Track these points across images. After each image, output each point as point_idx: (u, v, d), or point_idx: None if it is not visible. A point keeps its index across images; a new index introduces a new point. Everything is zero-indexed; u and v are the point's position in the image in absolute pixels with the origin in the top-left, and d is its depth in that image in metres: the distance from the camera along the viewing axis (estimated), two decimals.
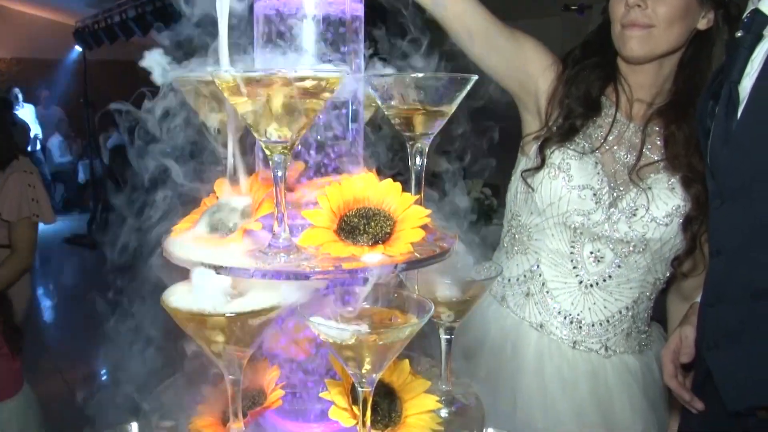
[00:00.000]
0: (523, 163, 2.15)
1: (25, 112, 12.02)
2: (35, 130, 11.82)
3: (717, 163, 1.67)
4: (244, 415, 1.16)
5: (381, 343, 0.98)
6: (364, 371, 1.04)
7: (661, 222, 1.97)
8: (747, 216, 1.60)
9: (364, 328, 1.00)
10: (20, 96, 12.15)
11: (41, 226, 3.89)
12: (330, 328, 0.98)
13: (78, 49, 12.00)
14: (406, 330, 1.01)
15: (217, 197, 1.20)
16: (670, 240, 1.99)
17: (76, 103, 11.53)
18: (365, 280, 1.02)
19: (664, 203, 1.97)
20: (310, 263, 1.01)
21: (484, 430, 1.31)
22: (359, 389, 1.08)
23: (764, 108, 1.57)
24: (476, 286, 1.30)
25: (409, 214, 1.11)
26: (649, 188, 1.98)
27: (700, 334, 1.77)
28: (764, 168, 1.56)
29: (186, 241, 1.09)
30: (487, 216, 4.38)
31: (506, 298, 2.18)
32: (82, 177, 11.28)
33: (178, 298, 1.03)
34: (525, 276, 2.14)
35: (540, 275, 2.10)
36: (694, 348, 1.85)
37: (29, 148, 10.52)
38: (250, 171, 1.22)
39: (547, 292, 2.09)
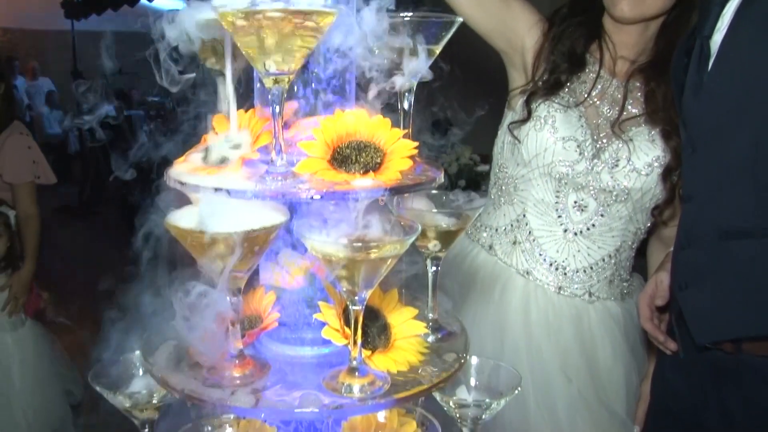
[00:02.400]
0: (510, 116, 2.22)
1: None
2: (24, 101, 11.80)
3: (688, 114, 1.76)
4: (242, 337, 1.23)
5: (372, 257, 1.06)
6: (355, 289, 1.11)
7: (642, 172, 2.05)
8: (715, 163, 1.69)
9: (357, 244, 1.08)
10: (17, 67, 12.12)
11: None
12: (325, 243, 1.05)
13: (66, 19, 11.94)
14: (395, 246, 1.08)
15: (217, 133, 1.26)
16: (651, 190, 2.07)
17: (66, 75, 11.53)
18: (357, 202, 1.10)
19: (644, 154, 2.05)
20: (305, 186, 1.08)
21: (469, 357, 1.39)
22: (351, 308, 1.15)
23: (732, 61, 1.65)
24: (463, 215, 1.37)
25: (398, 146, 1.18)
26: (631, 140, 2.06)
27: (673, 276, 1.86)
28: (731, 118, 1.64)
29: (188, 169, 1.16)
30: (475, 183, 4.44)
31: (494, 247, 2.25)
32: (72, 149, 11.30)
33: (182, 219, 1.10)
34: (512, 225, 2.21)
35: (526, 224, 2.17)
36: (669, 292, 1.94)
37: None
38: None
39: (534, 240, 2.16)
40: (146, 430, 1.44)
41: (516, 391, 1.36)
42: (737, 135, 1.62)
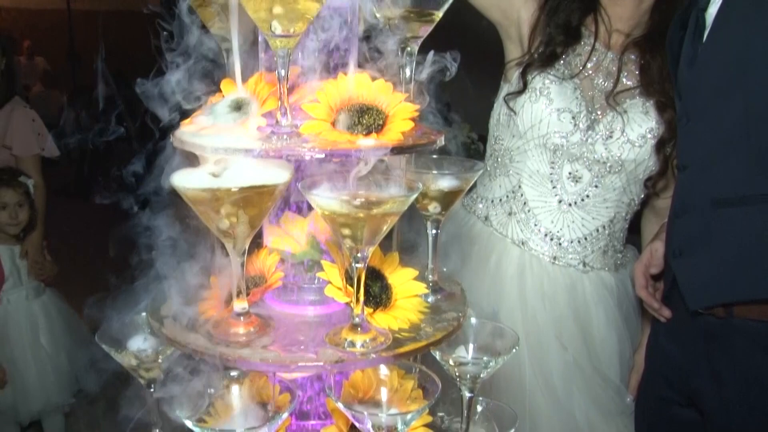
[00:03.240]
0: (506, 89, 2.25)
1: None
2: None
3: (683, 84, 1.80)
4: (247, 295, 1.26)
5: (375, 214, 1.09)
6: (358, 246, 1.15)
7: (635, 143, 2.08)
8: (709, 132, 1.73)
9: (360, 200, 1.11)
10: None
11: None
12: (330, 199, 1.09)
13: None
14: (397, 202, 1.11)
15: (224, 96, 1.29)
16: (644, 161, 2.11)
17: (61, 54, 11.49)
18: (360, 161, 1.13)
19: (638, 126, 2.08)
20: (309, 145, 1.11)
21: (468, 317, 1.42)
22: (354, 266, 1.18)
23: (726, 33, 1.69)
24: (462, 178, 1.40)
25: (400, 109, 1.22)
26: (625, 112, 2.09)
27: (667, 244, 1.90)
28: (724, 88, 1.68)
29: (195, 129, 1.18)
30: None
31: (489, 218, 2.29)
32: (67, 129, 11.25)
33: (188, 178, 1.13)
34: (507, 196, 2.25)
35: (522, 195, 2.21)
36: (663, 261, 1.98)
37: None
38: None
39: (529, 211, 2.20)
40: (152, 389, 1.47)
41: (514, 350, 1.39)
42: (730, 104, 1.66)
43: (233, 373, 1.24)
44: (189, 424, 1.10)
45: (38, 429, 3.94)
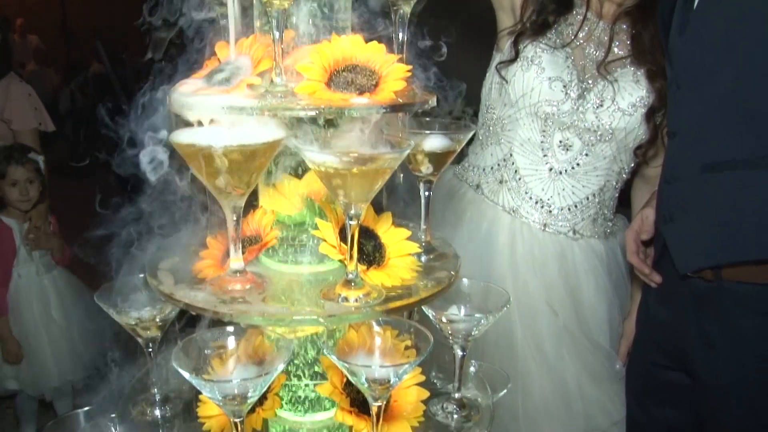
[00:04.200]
0: (498, 58, 2.27)
1: None
2: None
3: (674, 52, 1.82)
4: (243, 253, 1.29)
5: (368, 168, 1.11)
6: (352, 202, 1.17)
7: (626, 112, 2.10)
8: (699, 99, 1.76)
9: (354, 154, 1.13)
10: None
11: None
12: (324, 155, 1.11)
13: None
14: (390, 158, 1.13)
15: (219, 59, 1.30)
16: (634, 130, 2.13)
17: (54, 32, 11.44)
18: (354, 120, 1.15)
19: (629, 94, 2.10)
20: (303, 102, 1.14)
21: (459, 278, 1.45)
22: (348, 224, 1.21)
23: (716, 1, 1.71)
24: (454, 138, 1.43)
25: (393, 69, 1.23)
26: (616, 81, 2.11)
27: (658, 210, 1.93)
28: (715, 55, 1.71)
29: (191, 91, 1.20)
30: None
31: (481, 186, 2.31)
32: (63, 108, 11.24)
33: (186, 135, 1.15)
34: (499, 165, 2.27)
35: (513, 163, 2.23)
36: (654, 227, 2.01)
37: None
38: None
39: (519, 179, 2.22)
40: (150, 348, 1.50)
41: (505, 308, 1.42)
42: (721, 71, 1.69)
43: (230, 329, 1.26)
44: (186, 375, 1.12)
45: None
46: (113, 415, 1.59)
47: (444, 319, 1.41)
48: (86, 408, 1.78)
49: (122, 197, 1.36)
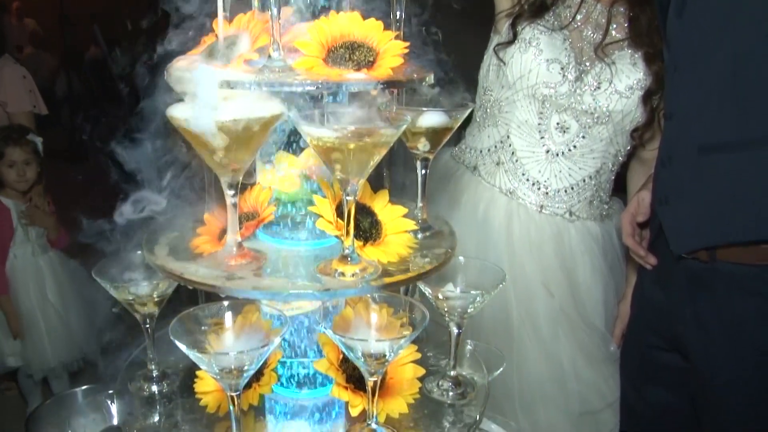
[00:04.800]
0: (496, 40, 2.27)
1: None
2: None
3: (671, 34, 1.83)
4: (240, 229, 1.29)
5: (364, 142, 1.12)
6: (349, 177, 1.18)
7: (623, 94, 2.11)
8: (696, 81, 1.76)
9: (351, 128, 1.14)
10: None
11: None
12: (322, 129, 1.12)
13: None
14: (387, 133, 1.14)
15: (217, 35, 1.31)
16: (631, 112, 2.14)
17: (51, 16, 11.37)
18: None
19: (626, 77, 2.11)
20: (300, 77, 1.14)
21: (456, 256, 1.46)
22: (344, 199, 1.22)
23: None
24: (451, 115, 1.43)
25: (390, 46, 1.24)
26: (613, 63, 2.12)
27: (654, 192, 1.93)
28: (712, 36, 1.71)
29: (188, 66, 1.21)
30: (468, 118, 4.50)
31: (478, 168, 2.32)
32: (60, 93, 11.22)
33: (183, 110, 1.16)
34: (496, 147, 2.28)
35: (510, 145, 2.24)
36: (650, 210, 2.02)
37: None
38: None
39: (516, 160, 2.23)
40: (147, 325, 1.51)
41: (500, 286, 1.43)
42: (718, 53, 1.69)
43: (227, 304, 1.27)
44: (183, 348, 1.13)
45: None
46: (111, 391, 1.60)
47: (440, 296, 1.42)
48: (84, 387, 1.79)
49: (118, 179, 1.37)
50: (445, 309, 1.44)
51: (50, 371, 3.84)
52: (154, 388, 1.53)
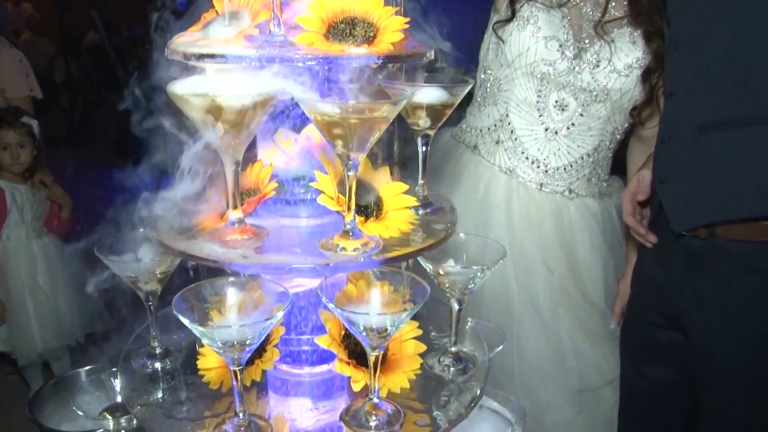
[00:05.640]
0: (495, 18, 2.27)
1: None
2: None
3: (672, 12, 1.83)
4: (242, 205, 1.30)
5: (366, 116, 1.12)
6: (350, 152, 1.18)
7: (622, 73, 2.11)
8: (696, 59, 1.76)
9: (352, 102, 1.14)
10: None
11: None
12: (323, 103, 1.12)
13: None
14: (388, 107, 1.14)
15: (217, 12, 1.31)
16: (629, 91, 2.14)
17: (49, 1, 11.33)
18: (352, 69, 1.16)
19: (625, 55, 2.11)
20: (301, 52, 1.14)
21: (456, 233, 1.46)
22: (346, 174, 1.22)
23: None
24: (452, 91, 1.44)
25: (391, 22, 1.25)
26: (612, 41, 2.12)
27: (654, 170, 1.94)
28: (712, 14, 1.72)
29: (189, 40, 1.21)
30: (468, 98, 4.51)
31: (478, 146, 2.33)
32: (58, 78, 11.19)
33: (182, 86, 1.16)
34: (495, 125, 2.28)
35: (509, 123, 2.24)
36: (650, 188, 2.03)
37: None
38: None
39: (516, 139, 2.23)
40: (150, 302, 1.52)
41: (501, 262, 1.44)
42: (719, 30, 1.69)
43: (229, 280, 1.28)
44: (186, 322, 1.13)
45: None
46: (114, 369, 1.61)
47: (441, 272, 1.43)
48: (87, 367, 1.80)
49: (118, 162, 1.37)
50: (446, 285, 1.45)
51: (38, 357, 3.83)
52: (157, 365, 1.54)
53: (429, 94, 1.42)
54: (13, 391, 4.07)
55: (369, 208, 1.35)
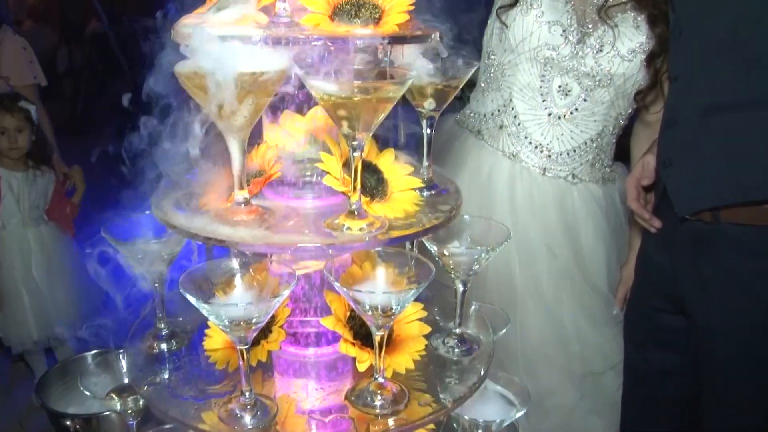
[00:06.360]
0: (499, 3, 2.27)
1: None
2: None
3: None
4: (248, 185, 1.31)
5: (371, 96, 1.13)
6: (355, 133, 1.19)
7: (625, 58, 2.11)
8: (701, 42, 1.77)
9: (358, 81, 1.15)
10: None
11: None
12: (329, 84, 1.13)
13: None
14: (393, 88, 1.15)
15: None
16: (633, 76, 2.14)
17: None
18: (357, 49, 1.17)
19: (629, 40, 2.11)
20: (308, 32, 1.15)
21: (461, 214, 1.47)
22: (351, 155, 1.23)
23: None
24: (457, 73, 1.44)
25: (396, 3, 1.25)
26: (616, 26, 2.12)
27: (658, 155, 1.94)
28: (715, 0, 1.72)
29: (195, 21, 1.22)
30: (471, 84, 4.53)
31: (482, 132, 2.33)
32: (61, 67, 11.16)
33: (190, 66, 1.17)
34: (499, 110, 2.28)
35: (513, 108, 2.25)
36: (654, 174, 2.03)
37: None
38: None
39: (519, 124, 2.24)
40: (156, 285, 1.53)
41: (506, 242, 1.44)
42: (723, 13, 1.70)
43: (235, 259, 1.29)
44: (193, 300, 1.14)
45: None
46: (120, 351, 1.62)
47: (446, 252, 1.44)
48: (93, 351, 1.81)
49: (121, 150, 1.38)
50: (451, 266, 1.46)
51: (34, 344, 3.81)
52: (164, 346, 1.55)
53: (434, 76, 1.42)
54: (17, 378, 4.08)
55: (374, 190, 1.36)
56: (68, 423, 1.84)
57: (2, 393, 3.91)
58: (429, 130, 1.51)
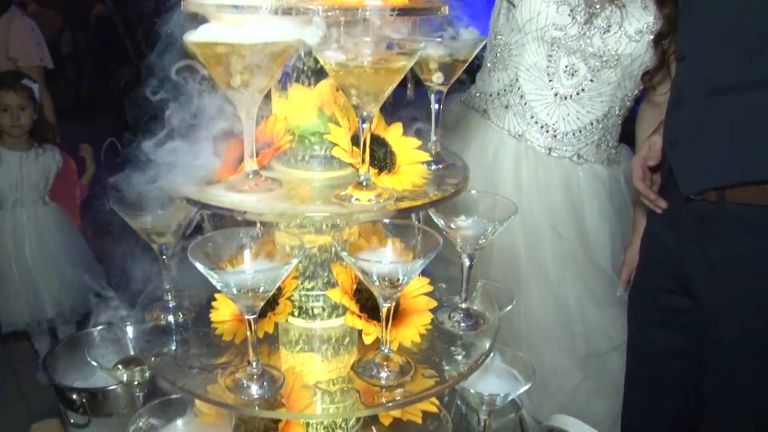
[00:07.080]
0: None
1: None
2: None
3: None
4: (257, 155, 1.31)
5: (381, 66, 1.13)
6: (365, 102, 1.19)
7: (632, 38, 2.12)
8: (709, 22, 1.77)
9: (367, 51, 1.15)
10: None
11: None
12: (338, 55, 1.13)
13: None
14: (403, 58, 1.16)
15: None
16: (640, 56, 2.15)
17: None
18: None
19: (636, 20, 2.11)
20: (318, 2, 1.16)
21: (468, 189, 1.48)
22: (360, 127, 1.23)
23: None
24: (465, 47, 1.44)
25: None
26: (624, 6, 2.12)
27: (664, 135, 1.95)
28: None
29: None
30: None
31: (488, 111, 2.34)
32: (65, 49, 11.18)
33: (201, 34, 1.17)
34: (505, 90, 2.29)
35: (519, 88, 2.25)
36: (661, 154, 2.04)
37: None
38: None
39: (525, 103, 2.24)
40: (164, 255, 1.54)
41: (512, 218, 1.45)
42: None
43: (244, 229, 1.29)
44: (201, 268, 1.15)
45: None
46: (127, 323, 1.63)
47: (453, 226, 1.44)
48: (100, 326, 1.81)
49: (126, 132, 1.38)
50: (458, 240, 1.46)
51: (26, 326, 3.83)
52: (171, 318, 1.55)
53: (443, 49, 1.42)
54: (22, 357, 4.10)
55: (382, 162, 1.36)
56: (74, 396, 1.85)
57: (8, 374, 3.93)
58: (437, 105, 1.51)
